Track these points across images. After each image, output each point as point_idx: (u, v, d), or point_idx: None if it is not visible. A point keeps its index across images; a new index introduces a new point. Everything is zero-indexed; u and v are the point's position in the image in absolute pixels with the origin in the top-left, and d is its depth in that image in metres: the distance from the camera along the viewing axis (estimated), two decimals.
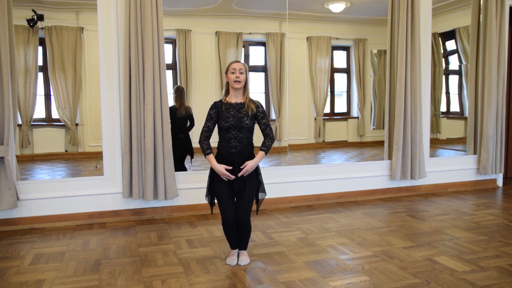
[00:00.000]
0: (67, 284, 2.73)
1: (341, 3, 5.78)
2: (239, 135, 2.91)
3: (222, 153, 2.94)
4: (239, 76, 2.87)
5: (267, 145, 2.94)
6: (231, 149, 2.91)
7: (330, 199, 4.87)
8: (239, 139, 2.91)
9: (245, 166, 2.89)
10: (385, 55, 5.16)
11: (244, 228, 2.96)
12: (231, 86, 2.93)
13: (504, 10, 5.21)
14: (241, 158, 2.92)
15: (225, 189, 2.92)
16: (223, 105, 2.94)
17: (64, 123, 4.92)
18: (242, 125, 2.89)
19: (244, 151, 2.93)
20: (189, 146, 4.92)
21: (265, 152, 2.94)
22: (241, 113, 2.91)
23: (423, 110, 5.11)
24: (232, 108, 2.92)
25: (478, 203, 4.75)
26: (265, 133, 2.97)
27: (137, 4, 3.93)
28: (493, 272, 2.82)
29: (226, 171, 2.87)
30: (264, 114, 2.98)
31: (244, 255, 3.07)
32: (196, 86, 5.26)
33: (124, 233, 3.80)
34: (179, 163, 4.77)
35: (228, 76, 2.93)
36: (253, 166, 2.90)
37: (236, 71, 2.88)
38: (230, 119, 2.89)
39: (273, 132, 3.00)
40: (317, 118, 6.03)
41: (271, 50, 5.58)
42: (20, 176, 4.10)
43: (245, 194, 2.92)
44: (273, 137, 2.98)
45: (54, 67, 4.84)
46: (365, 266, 2.96)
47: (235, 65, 2.90)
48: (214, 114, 2.95)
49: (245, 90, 2.96)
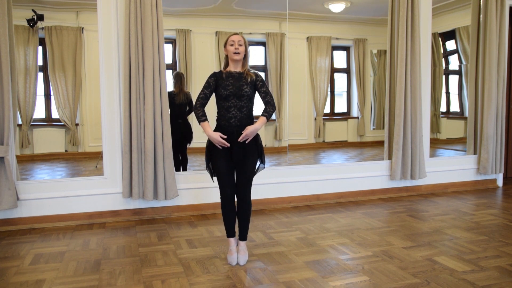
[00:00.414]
0: (67, 284, 2.73)
1: (341, 3, 5.78)
2: (238, 103, 2.87)
3: (221, 124, 2.89)
4: (238, 47, 2.87)
5: (268, 111, 2.90)
6: (230, 118, 2.86)
7: (330, 199, 4.87)
8: (239, 107, 2.87)
9: (246, 130, 2.82)
10: (385, 55, 5.16)
11: (243, 205, 2.92)
12: (230, 58, 2.92)
13: (504, 10, 5.21)
14: (241, 129, 2.86)
15: (224, 164, 2.88)
16: (223, 73, 2.93)
17: (64, 123, 4.92)
18: (241, 93, 2.86)
19: (244, 121, 2.88)
20: (188, 131, 4.92)
21: (266, 118, 2.88)
22: (241, 81, 2.88)
23: (423, 110, 5.11)
24: (232, 77, 2.90)
25: (478, 203, 4.75)
26: (265, 101, 2.93)
27: (137, 4, 3.93)
28: (493, 272, 2.82)
29: (221, 138, 2.82)
30: (263, 83, 2.95)
31: (244, 250, 3.03)
32: (196, 86, 5.26)
33: (124, 233, 3.80)
34: (180, 149, 4.77)
35: (227, 49, 2.92)
36: (253, 131, 2.84)
37: (235, 43, 2.88)
38: (229, 87, 2.87)
39: (273, 100, 2.96)
40: (317, 118, 6.03)
41: (271, 50, 5.58)
42: (20, 176, 4.10)
43: (245, 168, 2.88)
44: (274, 104, 2.94)
45: (54, 67, 4.84)
46: (365, 266, 2.96)
47: (234, 37, 2.89)
48: (213, 82, 2.92)
49: (245, 62, 2.95)
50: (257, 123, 2.87)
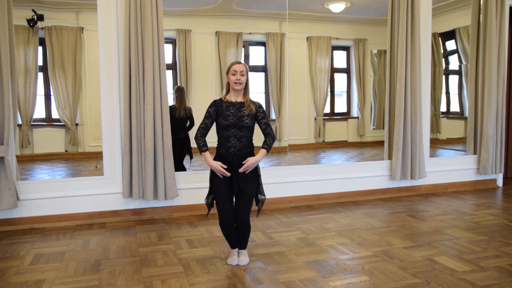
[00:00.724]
0: (67, 284, 2.73)
1: (341, 3, 5.78)
2: (238, 133, 2.89)
3: (221, 153, 2.93)
4: (240, 78, 2.88)
5: (268, 143, 2.93)
6: (229, 148, 2.89)
7: (330, 199, 4.87)
8: (239, 137, 2.90)
9: (247, 161, 2.87)
10: (385, 55, 5.16)
11: (243, 228, 2.96)
12: (231, 87, 2.93)
13: (504, 10, 5.21)
14: (240, 158, 2.90)
15: (224, 189, 2.91)
16: (223, 103, 2.94)
17: (64, 123, 4.93)
18: (242, 124, 2.88)
19: (244, 151, 2.91)
20: (188, 146, 4.92)
21: (266, 150, 2.92)
22: (241, 112, 2.90)
23: (423, 110, 5.11)
24: (232, 107, 2.91)
25: (478, 203, 4.75)
26: (266, 132, 2.97)
27: (137, 4, 3.93)
28: (493, 272, 2.82)
29: (221, 167, 2.86)
30: (264, 114, 2.98)
31: (244, 255, 3.06)
32: (196, 86, 5.26)
33: (124, 233, 3.80)
34: (178, 163, 4.77)
35: (229, 77, 2.94)
36: (254, 162, 2.89)
37: (237, 73, 2.89)
38: (230, 117, 2.89)
39: (273, 132, 3.00)
40: (317, 118, 6.03)
41: (271, 50, 5.58)
42: (20, 176, 4.10)
43: (245, 194, 2.91)
44: (274, 136, 2.97)
45: (54, 67, 4.84)
46: (365, 266, 2.96)
47: (236, 66, 2.90)
48: (213, 112, 2.94)
49: (245, 91, 2.96)
50: (258, 155, 2.91)
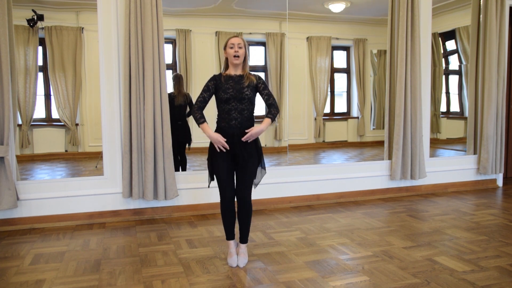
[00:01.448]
0: (67, 284, 2.73)
1: (341, 3, 5.78)
2: (239, 106, 2.84)
3: (221, 127, 2.86)
4: (237, 50, 2.84)
5: (273, 113, 2.89)
6: (231, 121, 2.83)
7: (330, 199, 4.87)
8: (240, 110, 2.84)
9: (251, 130, 2.81)
10: (385, 55, 5.16)
11: (244, 207, 2.89)
12: (230, 61, 2.89)
13: (504, 10, 5.21)
14: (242, 131, 2.84)
15: (224, 167, 2.86)
16: (222, 77, 2.90)
17: (64, 123, 4.92)
18: (242, 96, 2.83)
19: (245, 124, 2.85)
20: (187, 133, 4.91)
21: (271, 120, 2.87)
22: (241, 84, 2.85)
23: (423, 110, 5.10)
24: (232, 80, 2.87)
25: (478, 203, 4.75)
26: (269, 103, 2.92)
27: (137, 4, 3.93)
28: (493, 272, 2.82)
29: (221, 139, 2.80)
30: (265, 85, 2.92)
31: (244, 253, 3.02)
32: (196, 86, 5.26)
33: (124, 233, 3.80)
34: (179, 151, 4.76)
35: (227, 51, 2.89)
36: (258, 132, 2.82)
37: (234, 45, 2.84)
38: (229, 90, 2.84)
39: (276, 102, 2.93)
40: (317, 118, 6.03)
41: (271, 50, 5.58)
42: (20, 176, 4.10)
43: (245, 171, 2.86)
44: (277, 107, 2.92)
45: (54, 67, 4.84)
46: (365, 266, 2.96)
47: (233, 40, 2.86)
48: (212, 86, 2.89)
49: (244, 64, 2.92)
50: (262, 124, 2.85)
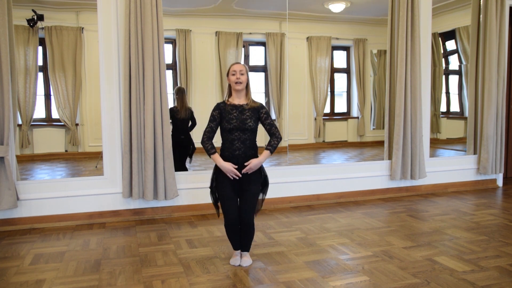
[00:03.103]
0: (67, 284, 2.73)
1: (341, 3, 5.78)
2: (242, 136, 2.91)
3: (225, 155, 2.94)
4: (239, 77, 2.90)
5: (272, 144, 2.95)
6: (234, 151, 2.91)
7: (330, 199, 4.87)
8: (243, 140, 2.91)
9: (250, 163, 2.88)
10: (385, 55, 5.16)
11: (247, 229, 2.96)
12: (232, 88, 2.96)
13: (504, 10, 5.21)
14: (245, 160, 2.92)
15: (229, 190, 2.92)
16: (226, 106, 2.95)
17: (64, 123, 4.93)
18: (245, 127, 2.90)
19: (248, 153, 2.92)
20: (190, 147, 4.92)
21: (270, 152, 2.93)
22: (244, 115, 2.92)
23: (423, 110, 5.10)
24: (235, 110, 2.93)
25: (478, 203, 4.75)
26: (271, 133, 2.98)
27: (137, 4, 3.93)
28: (493, 272, 2.82)
29: (233, 169, 2.87)
30: (267, 115, 2.98)
31: (247, 256, 3.06)
32: (196, 86, 5.27)
33: (124, 233, 3.80)
34: (180, 164, 4.77)
35: (229, 78, 2.96)
36: (257, 164, 2.90)
37: (236, 72, 2.91)
38: (233, 120, 2.90)
39: (279, 132, 3.00)
40: (317, 118, 6.03)
41: (271, 50, 5.58)
42: (20, 176, 4.10)
43: (248, 195, 2.92)
44: (279, 136, 2.98)
45: (54, 67, 4.84)
46: (365, 266, 2.96)
47: (235, 66, 2.93)
48: (217, 115, 2.96)
49: (247, 91, 2.99)
50: (261, 156, 2.92)
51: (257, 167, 2.92)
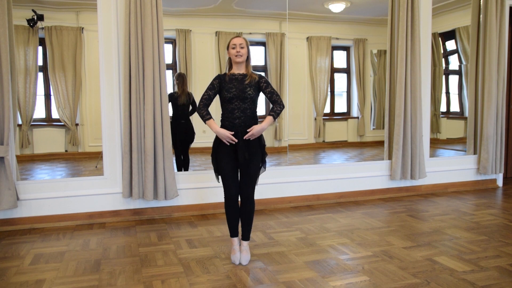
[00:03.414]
0: (67, 284, 2.73)
1: (341, 3, 5.78)
2: (242, 105, 2.92)
3: (225, 125, 2.94)
4: (239, 50, 2.93)
5: (275, 111, 2.94)
6: (234, 119, 2.91)
7: (330, 199, 4.87)
8: (243, 109, 2.92)
9: (252, 129, 2.88)
10: (385, 55, 5.16)
11: (247, 204, 2.95)
12: (233, 60, 2.98)
13: (504, 10, 5.21)
14: (245, 129, 2.91)
15: (229, 165, 2.92)
16: (226, 76, 2.98)
17: (64, 123, 4.92)
18: (245, 95, 2.91)
19: (248, 122, 2.92)
20: (190, 132, 4.92)
21: (273, 117, 2.92)
22: (244, 84, 2.93)
23: (423, 110, 5.10)
24: (235, 79, 2.95)
25: (478, 203, 4.75)
26: (272, 100, 2.97)
27: (137, 4, 3.93)
28: (493, 272, 2.82)
29: (229, 134, 2.86)
30: (267, 83, 2.99)
31: (246, 250, 3.05)
32: (196, 86, 5.26)
33: (124, 233, 3.80)
34: (182, 150, 4.77)
35: (229, 52, 2.98)
36: (259, 130, 2.88)
37: (236, 46, 2.93)
38: (232, 89, 2.92)
39: (281, 98, 2.99)
40: (317, 118, 6.03)
41: (271, 50, 5.58)
42: (20, 176, 4.10)
43: (249, 169, 2.92)
44: (282, 103, 2.97)
45: (54, 67, 4.84)
46: (365, 266, 2.96)
47: (235, 40, 2.95)
48: (217, 84, 2.97)
49: (247, 63, 3.01)
50: (263, 122, 2.91)
51: (260, 133, 2.91)
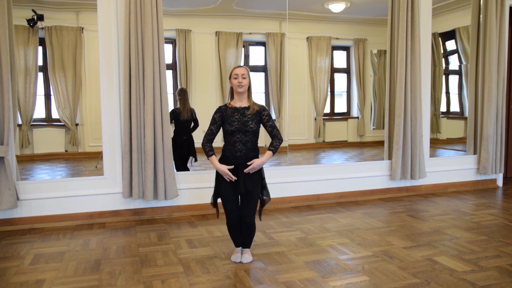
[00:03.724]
0: (67, 284, 2.73)
1: (341, 3, 5.78)
2: (244, 138, 2.94)
3: (227, 156, 2.97)
4: (241, 81, 2.95)
5: (274, 145, 2.98)
6: (236, 152, 2.94)
7: (330, 199, 4.87)
8: (244, 142, 2.95)
9: (252, 162, 2.92)
10: (385, 55, 5.16)
11: (248, 229, 3.01)
12: (234, 90, 3.00)
13: (504, 10, 5.21)
14: (246, 160, 2.95)
15: (230, 191, 2.96)
16: (228, 109, 3.00)
17: (64, 123, 4.93)
18: (247, 129, 2.93)
19: (249, 154, 2.96)
20: (192, 148, 4.92)
21: (272, 152, 2.97)
22: (246, 117, 2.95)
23: (423, 110, 5.10)
24: (237, 112, 2.97)
25: (478, 203, 4.75)
26: (272, 135, 3.01)
27: (137, 4, 3.93)
28: (493, 272, 2.82)
29: (228, 171, 2.91)
30: (269, 117, 3.02)
31: (247, 253, 3.10)
32: (196, 86, 5.27)
33: (124, 233, 3.80)
34: (182, 164, 4.77)
35: (231, 82, 3.01)
36: (260, 164, 2.93)
37: (238, 76, 2.95)
38: (235, 122, 2.94)
39: (280, 134, 3.04)
40: (317, 118, 6.03)
41: (271, 50, 5.58)
42: (20, 176, 4.10)
43: (249, 196, 2.96)
44: (281, 138, 3.01)
45: (54, 67, 4.84)
46: (365, 266, 2.96)
47: (237, 70, 2.97)
48: (219, 118, 3.00)
49: (249, 94, 3.03)
50: (263, 157, 2.95)
51: (260, 167, 2.97)
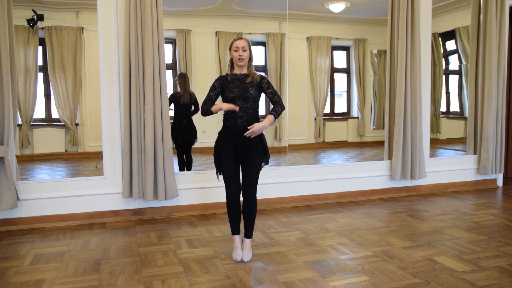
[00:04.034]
0: (67, 284, 2.73)
1: (341, 3, 5.78)
2: (244, 105, 2.94)
3: (228, 125, 2.96)
4: (242, 54, 2.94)
5: (276, 110, 2.97)
6: (237, 119, 2.93)
7: (330, 199, 4.87)
8: (245, 109, 2.94)
9: (253, 126, 2.89)
10: (385, 55, 5.16)
11: (250, 203, 2.98)
12: (235, 63, 3.00)
13: (504, 10, 5.21)
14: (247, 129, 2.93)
15: (230, 164, 2.95)
16: (228, 76, 3.01)
17: (64, 123, 4.93)
18: (247, 95, 2.93)
19: (250, 122, 2.94)
20: (193, 132, 4.93)
21: (274, 116, 2.95)
22: (246, 84, 2.96)
23: (423, 110, 5.10)
24: (237, 79, 2.98)
25: (478, 203, 4.75)
26: (274, 101, 3.00)
27: (137, 4, 3.93)
28: (493, 272, 2.82)
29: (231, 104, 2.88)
30: (269, 84, 3.01)
31: (248, 248, 3.07)
32: (196, 86, 5.26)
33: (124, 233, 3.80)
34: (185, 150, 4.78)
35: (231, 54, 2.99)
36: (260, 128, 2.90)
37: (239, 49, 2.94)
38: (235, 89, 2.95)
39: (281, 100, 3.02)
40: (317, 118, 6.03)
41: (271, 50, 5.58)
42: (20, 176, 4.10)
43: (250, 167, 2.94)
44: (282, 105, 2.99)
45: (54, 67, 4.84)
46: (365, 266, 2.96)
47: (238, 42, 2.95)
48: (218, 85, 3.00)
49: (249, 64, 3.03)
50: (264, 120, 2.93)
51: (260, 131, 2.93)
